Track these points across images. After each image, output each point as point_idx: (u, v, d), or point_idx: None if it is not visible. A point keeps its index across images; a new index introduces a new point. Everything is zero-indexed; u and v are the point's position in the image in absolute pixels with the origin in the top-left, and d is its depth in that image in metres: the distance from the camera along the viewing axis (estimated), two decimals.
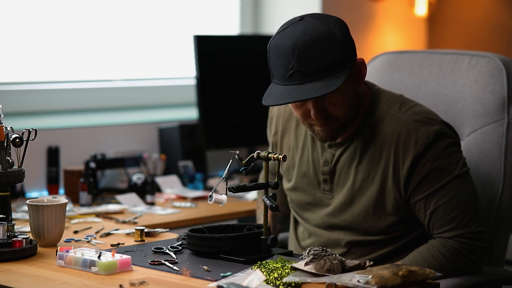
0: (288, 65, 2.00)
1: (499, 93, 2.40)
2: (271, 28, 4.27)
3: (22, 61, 3.44)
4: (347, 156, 2.18)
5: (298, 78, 2.00)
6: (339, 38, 2.01)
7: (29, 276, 1.90)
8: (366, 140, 2.15)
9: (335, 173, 2.20)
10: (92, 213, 2.74)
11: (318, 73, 1.98)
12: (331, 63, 1.99)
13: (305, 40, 1.99)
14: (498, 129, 2.40)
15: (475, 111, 2.43)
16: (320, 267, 1.82)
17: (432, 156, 2.09)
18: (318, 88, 1.98)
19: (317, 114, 2.06)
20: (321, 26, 2.01)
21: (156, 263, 1.96)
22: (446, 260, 2.09)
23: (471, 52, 2.52)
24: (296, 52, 1.99)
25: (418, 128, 2.10)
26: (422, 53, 2.66)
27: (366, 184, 2.15)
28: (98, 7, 3.66)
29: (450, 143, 2.12)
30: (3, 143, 2.08)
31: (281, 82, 2.03)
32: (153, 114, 3.83)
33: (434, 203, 2.10)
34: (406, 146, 2.10)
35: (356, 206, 2.17)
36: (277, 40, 2.05)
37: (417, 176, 2.10)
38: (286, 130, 2.33)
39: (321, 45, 1.99)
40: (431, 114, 2.16)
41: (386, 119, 2.14)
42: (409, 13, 4.76)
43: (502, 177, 2.37)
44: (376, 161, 2.14)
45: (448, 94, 2.50)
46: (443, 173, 2.10)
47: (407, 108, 2.15)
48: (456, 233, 2.09)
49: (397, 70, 2.63)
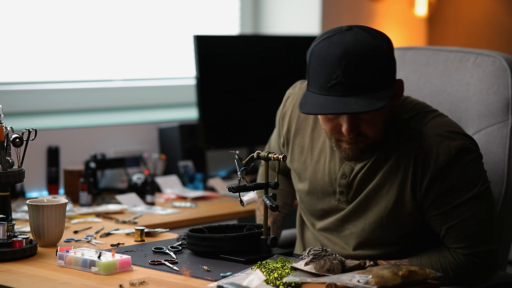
0: (332, 74, 1.91)
1: (503, 93, 2.38)
2: (271, 28, 4.27)
3: (22, 61, 3.44)
4: (366, 170, 2.10)
5: (341, 89, 1.91)
6: (388, 55, 1.95)
7: (29, 276, 1.90)
8: (387, 153, 2.07)
9: (353, 187, 2.13)
10: (92, 213, 2.74)
11: (362, 87, 1.90)
12: (376, 79, 1.92)
13: (355, 51, 1.91)
14: (502, 130, 2.37)
15: (479, 111, 2.40)
16: (320, 267, 1.82)
17: (453, 173, 2.01)
18: (361, 104, 1.90)
19: (350, 130, 1.97)
20: (371, 40, 1.94)
21: (156, 263, 1.96)
22: (453, 274, 2.04)
23: (476, 51, 2.48)
24: (344, 62, 1.90)
25: (440, 144, 2.01)
26: (427, 50, 2.62)
27: (382, 193, 2.08)
28: (98, 7, 3.66)
29: (472, 158, 2.03)
30: (3, 143, 2.08)
31: (319, 91, 1.95)
32: (153, 114, 3.83)
33: (451, 220, 2.03)
34: (426, 162, 2.02)
35: (369, 214, 2.11)
36: (323, 47, 1.95)
37: (435, 192, 2.02)
38: (300, 131, 2.25)
39: (370, 59, 1.91)
40: (453, 127, 2.07)
41: (407, 131, 2.06)
42: (409, 13, 4.76)
43: (506, 179, 2.34)
44: (394, 172, 2.06)
45: (452, 93, 2.47)
46: (463, 190, 2.02)
47: (429, 119, 2.07)
48: (470, 251, 2.03)
49: (402, 67, 2.59)
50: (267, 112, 3.83)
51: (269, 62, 3.87)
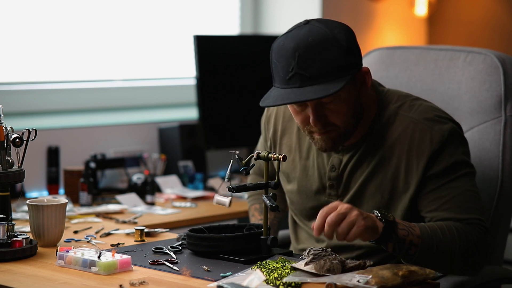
0: (289, 67, 1.97)
1: (496, 90, 2.39)
2: (271, 28, 4.27)
3: (22, 61, 3.44)
4: (356, 160, 2.14)
5: (298, 81, 1.96)
6: (343, 43, 1.97)
7: (29, 276, 1.90)
8: (376, 142, 2.11)
9: (343, 179, 2.16)
10: (92, 213, 2.74)
11: (318, 77, 1.94)
12: (332, 68, 1.95)
13: (307, 43, 1.95)
14: (495, 127, 2.39)
15: (471, 108, 2.42)
16: (320, 267, 1.82)
17: (447, 154, 2.06)
18: (316, 91, 1.94)
19: (316, 120, 2.01)
20: (325, 30, 1.97)
21: (156, 263, 1.96)
22: (458, 235, 2.01)
23: (466, 49, 2.50)
24: (297, 54, 1.95)
25: (432, 127, 2.07)
26: (417, 49, 2.63)
27: (376, 185, 2.12)
28: (98, 7, 3.66)
29: (462, 142, 2.10)
30: (3, 143, 2.08)
31: (281, 85, 2.00)
32: (153, 114, 3.83)
33: (446, 194, 2.06)
34: (421, 145, 2.07)
35: (365, 207, 2.12)
36: (280, 42, 2.01)
37: (431, 173, 2.07)
38: (287, 131, 2.29)
39: (324, 48, 1.95)
40: (441, 112, 2.14)
41: (397, 119, 2.11)
42: (409, 13, 4.76)
43: (500, 175, 2.36)
44: (387, 162, 2.10)
45: (444, 91, 2.49)
46: (457, 168, 2.07)
47: (417, 106, 2.12)
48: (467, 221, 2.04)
49: (392, 66, 2.61)
50: None
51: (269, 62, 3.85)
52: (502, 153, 2.37)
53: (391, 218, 1.91)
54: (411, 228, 1.95)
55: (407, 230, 1.93)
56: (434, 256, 1.97)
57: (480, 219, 2.05)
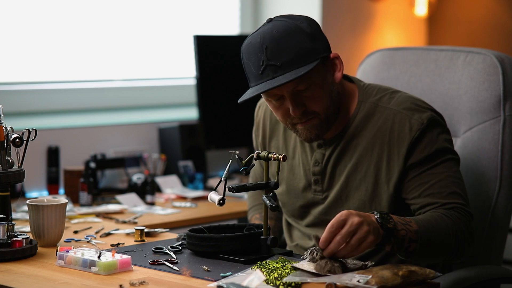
0: (259, 61, 2.02)
1: (495, 90, 2.40)
2: None
3: (22, 61, 3.44)
4: (338, 153, 2.18)
5: (271, 72, 2.01)
6: (307, 30, 2.03)
7: (29, 276, 1.90)
8: (357, 135, 2.16)
9: (326, 173, 2.20)
10: (92, 213, 2.74)
11: (288, 64, 2.00)
12: (300, 53, 2.00)
13: (272, 35, 2.02)
14: (494, 126, 2.39)
15: (471, 108, 2.43)
16: (321, 267, 1.82)
17: (428, 141, 2.09)
18: (288, 77, 1.99)
19: (295, 109, 2.05)
20: (288, 22, 2.04)
21: (156, 263, 1.96)
22: (449, 219, 2.02)
23: (466, 49, 2.51)
24: (265, 46, 2.01)
25: (411, 116, 2.11)
26: (417, 49, 2.65)
27: (360, 178, 2.15)
28: (98, 7, 3.66)
29: (443, 130, 2.13)
30: (3, 143, 2.08)
31: (255, 82, 2.05)
32: (153, 114, 3.83)
33: (429, 179, 2.08)
34: (401, 134, 2.11)
35: (351, 201, 2.17)
36: (247, 41, 2.08)
37: (412, 161, 2.09)
38: (274, 133, 2.33)
39: (289, 37, 2.01)
40: (420, 101, 2.17)
41: (376, 111, 2.15)
42: (409, 13, 4.76)
43: (499, 175, 2.36)
44: (369, 154, 2.14)
45: (444, 91, 2.50)
46: (439, 154, 2.09)
47: (396, 97, 2.16)
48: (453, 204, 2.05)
49: (393, 67, 2.63)
50: None
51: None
52: (501, 153, 2.37)
53: (391, 225, 1.90)
54: (408, 225, 1.95)
55: (405, 230, 1.94)
56: (431, 247, 1.98)
57: (463, 203, 2.07)
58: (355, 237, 1.82)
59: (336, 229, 1.82)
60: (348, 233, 1.81)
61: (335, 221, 1.82)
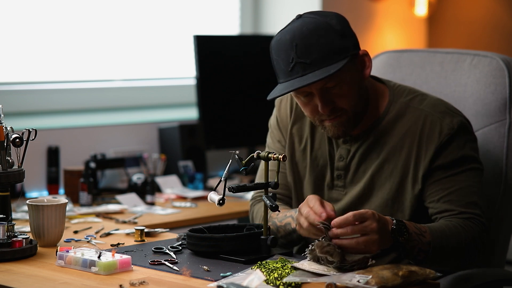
0: (289, 58, 2.03)
1: (501, 93, 2.40)
2: (271, 28, 4.27)
3: (22, 61, 3.44)
4: (364, 150, 2.18)
5: (300, 69, 2.02)
6: (337, 28, 2.04)
7: (29, 276, 1.90)
8: (386, 133, 2.16)
9: (350, 169, 2.20)
10: (92, 213, 2.74)
11: (318, 62, 2.00)
12: (330, 51, 2.01)
13: (302, 32, 2.02)
14: (500, 129, 2.39)
15: (476, 111, 2.43)
16: (322, 246, 1.82)
17: (455, 147, 2.11)
18: (318, 75, 2.00)
19: (324, 106, 2.06)
20: (318, 19, 2.05)
21: (156, 263, 1.96)
22: (463, 230, 2.04)
23: (472, 52, 2.51)
24: (295, 44, 2.02)
25: (442, 119, 2.12)
26: (423, 52, 2.66)
27: (385, 176, 2.15)
28: (98, 7, 3.66)
29: (471, 138, 2.15)
30: (3, 143, 2.08)
31: (284, 79, 2.06)
32: (153, 114, 3.83)
33: (450, 186, 2.09)
34: (430, 135, 2.12)
35: (374, 199, 2.16)
36: (277, 37, 2.08)
37: (437, 164, 2.10)
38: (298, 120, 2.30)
39: (319, 34, 2.02)
40: (451, 106, 2.19)
41: (407, 111, 2.16)
42: (409, 13, 4.76)
43: (504, 179, 2.35)
44: (397, 153, 2.14)
45: (449, 93, 2.49)
46: (464, 161, 2.11)
47: (428, 99, 2.17)
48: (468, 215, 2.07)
49: (398, 69, 2.62)
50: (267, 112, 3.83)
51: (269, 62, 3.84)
52: (506, 156, 2.37)
53: (403, 238, 1.91)
54: (422, 236, 1.97)
55: (417, 240, 1.95)
56: (442, 256, 2.00)
57: (479, 214, 2.08)
58: (362, 238, 1.84)
59: (354, 221, 1.84)
60: (359, 230, 1.84)
61: (358, 214, 1.85)
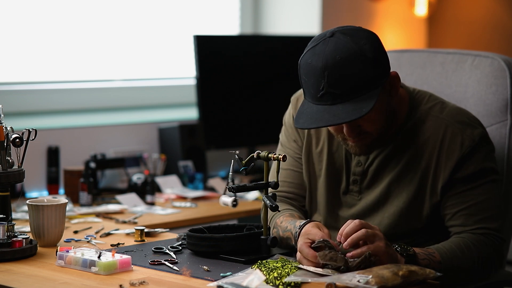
0: (319, 85, 1.96)
1: (502, 94, 2.39)
2: (271, 28, 4.27)
3: (22, 61, 3.44)
4: (382, 158, 2.15)
5: (329, 99, 1.96)
6: (370, 56, 1.96)
7: (29, 276, 1.90)
8: (406, 141, 2.13)
9: (367, 175, 2.17)
10: (92, 213, 2.74)
11: (349, 93, 1.94)
12: (362, 82, 1.95)
13: (335, 61, 1.94)
14: (501, 130, 2.38)
15: (477, 111, 2.41)
16: (324, 255, 1.82)
17: (476, 159, 2.09)
18: (349, 111, 1.94)
19: (350, 132, 2.03)
20: (351, 44, 1.96)
21: (156, 263, 1.96)
22: (477, 251, 2.05)
23: (473, 52, 2.50)
24: (326, 74, 1.95)
25: (463, 130, 2.10)
26: (424, 52, 2.64)
27: (403, 185, 2.12)
28: (98, 7, 3.66)
29: (490, 149, 2.14)
30: (3, 143, 2.08)
31: (312, 101, 1.99)
32: (153, 114, 3.83)
33: (468, 200, 2.09)
34: (452, 146, 2.09)
35: (389, 207, 2.14)
36: (307, 59, 2.00)
37: (457, 176, 2.09)
38: None
39: (352, 65, 1.94)
40: (471, 115, 2.17)
41: (428, 119, 2.13)
42: (409, 13, 4.76)
43: (505, 179, 2.34)
44: (417, 162, 2.11)
45: (450, 94, 2.49)
46: (483, 174, 2.09)
47: (449, 108, 2.15)
48: (484, 231, 2.07)
49: (399, 69, 2.61)
50: (267, 112, 3.84)
51: (269, 62, 3.87)
52: (507, 156, 2.36)
53: (411, 251, 1.93)
54: (431, 255, 1.97)
55: (428, 259, 1.96)
56: (455, 276, 2.01)
57: (496, 228, 2.08)
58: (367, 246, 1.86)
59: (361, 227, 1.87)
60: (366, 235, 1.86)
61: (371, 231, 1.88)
